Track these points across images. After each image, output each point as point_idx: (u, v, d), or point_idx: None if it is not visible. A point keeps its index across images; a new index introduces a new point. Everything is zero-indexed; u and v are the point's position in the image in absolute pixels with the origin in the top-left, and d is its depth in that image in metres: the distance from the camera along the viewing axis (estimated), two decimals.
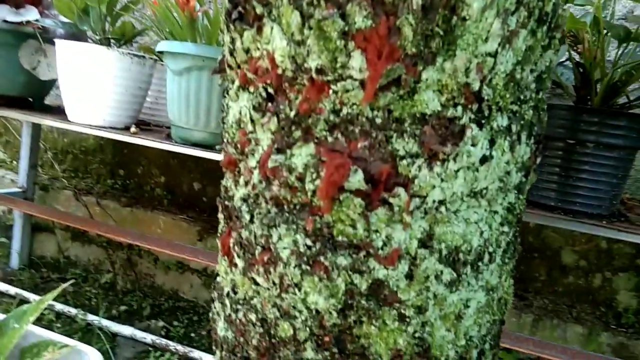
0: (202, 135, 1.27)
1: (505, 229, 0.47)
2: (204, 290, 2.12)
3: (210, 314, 0.57)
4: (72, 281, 1.22)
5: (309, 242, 0.44)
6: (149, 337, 1.80)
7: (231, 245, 0.51)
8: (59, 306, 1.86)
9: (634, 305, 1.64)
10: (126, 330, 1.80)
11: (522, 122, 0.44)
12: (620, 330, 1.60)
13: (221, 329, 0.53)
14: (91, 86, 1.37)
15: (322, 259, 0.43)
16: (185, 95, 1.24)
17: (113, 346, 1.71)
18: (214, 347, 0.57)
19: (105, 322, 1.80)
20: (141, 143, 1.36)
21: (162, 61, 1.54)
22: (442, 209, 0.42)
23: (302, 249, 0.44)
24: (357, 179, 0.41)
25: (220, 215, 0.55)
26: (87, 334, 1.62)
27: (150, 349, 1.74)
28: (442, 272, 0.44)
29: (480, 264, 0.45)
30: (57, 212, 2.02)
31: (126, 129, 1.45)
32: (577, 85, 1.07)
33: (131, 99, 1.42)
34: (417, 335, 0.45)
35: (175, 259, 2.15)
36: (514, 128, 0.44)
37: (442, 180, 0.41)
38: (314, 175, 0.42)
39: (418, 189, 0.41)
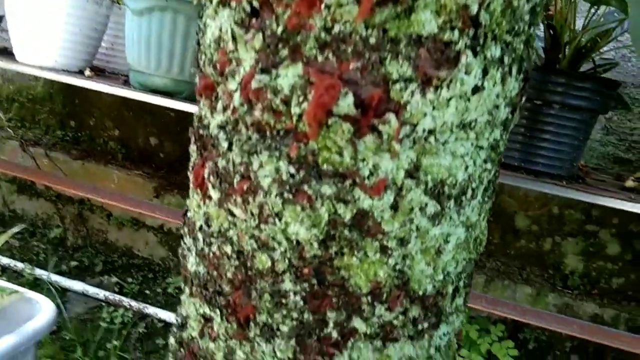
0: (163, 81, 1.21)
1: (488, 166, 0.47)
2: (160, 247, 2.08)
3: (180, 251, 0.54)
4: (19, 227, 1.15)
5: (292, 170, 0.42)
6: (101, 293, 1.75)
7: (205, 176, 0.48)
8: (4, 260, 1.77)
9: (580, 268, 1.73)
10: (77, 285, 1.74)
11: (513, 55, 0.44)
12: (566, 291, 1.69)
13: (192, 264, 0.51)
14: (42, 24, 1.27)
15: (305, 187, 0.42)
16: (145, 38, 1.17)
17: (64, 301, 1.65)
18: (182, 285, 0.55)
19: (55, 277, 1.73)
20: (96, 88, 1.28)
21: (119, 3, 1.44)
22: (431, 139, 0.41)
23: (284, 177, 0.42)
24: (347, 103, 0.39)
25: (193, 147, 0.52)
26: (36, 288, 1.55)
27: (103, 304, 1.70)
28: (426, 204, 0.43)
29: (463, 198, 0.45)
30: (2, 162, 1.90)
31: (80, 72, 1.37)
32: (546, 48, 1.08)
33: (85, 40, 1.33)
34: (397, 267, 0.44)
35: (130, 214, 2.08)
36: (506, 60, 0.43)
37: (433, 108, 0.40)
38: (301, 98, 0.40)
39: (409, 116, 0.40)
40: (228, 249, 0.47)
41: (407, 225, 0.43)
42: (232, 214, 0.46)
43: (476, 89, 0.41)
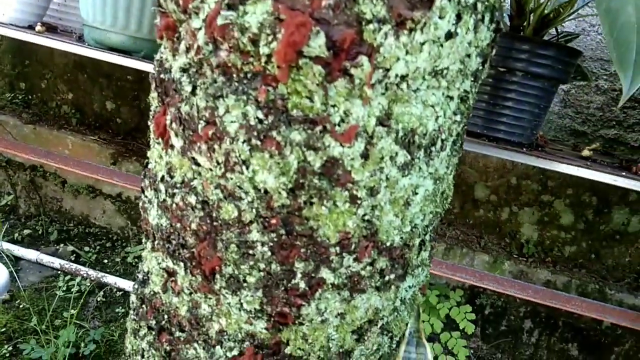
0: (119, 38, 1.16)
1: (458, 118, 0.46)
2: (118, 216, 2.02)
3: (140, 204, 0.52)
4: None
5: (260, 115, 0.40)
6: (56, 262, 1.69)
7: (167, 123, 0.46)
8: None
9: (535, 237, 1.79)
10: (31, 254, 1.68)
11: (486, 3, 0.43)
12: (521, 259, 1.75)
13: (154, 217, 0.49)
14: None
15: (274, 133, 0.40)
16: None
17: (17, 270, 1.59)
18: (143, 240, 0.53)
19: (7, 245, 1.66)
20: (48, 44, 1.21)
21: None
22: (404, 85, 0.40)
23: (252, 123, 0.40)
24: (318, 43, 0.37)
25: (153, 94, 0.49)
26: None
27: (59, 273, 1.64)
28: (397, 153, 0.42)
29: (433, 149, 0.45)
30: None
31: (30, 28, 1.28)
32: (512, 15, 1.09)
33: None
34: (366, 218, 0.44)
35: (86, 182, 2.01)
36: (479, 7, 0.42)
37: (407, 52, 0.39)
38: (270, 38, 0.38)
39: (382, 59, 0.39)
40: (192, 199, 0.45)
41: (377, 175, 0.42)
42: (197, 163, 0.44)
43: (449, 35, 0.40)
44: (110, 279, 1.68)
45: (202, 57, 0.41)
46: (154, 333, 0.52)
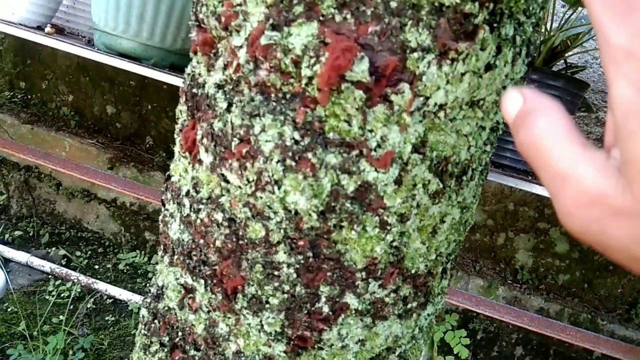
0: (131, 44, 1.15)
1: (487, 148, 0.47)
2: (112, 222, 1.99)
3: (161, 217, 0.51)
4: None
5: (297, 136, 0.40)
6: (47, 266, 1.66)
7: (198, 138, 0.45)
8: None
9: (529, 264, 1.80)
10: (21, 256, 1.65)
11: (524, 36, 0.43)
12: (515, 285, 1.76)
13: (175, 231, 0.48)
14: None
15: (309, 155, 0.40)
16: None
17: (6, 272, 1.55)
18: (160, 253, 0.52)
19: None
20: (58, 47, 1.20)
21: None
22: (441, 114, 0.40)
23: (288, 143, 0.40)
24: (361, 69, 0.37)
25: (183, 107, 0.49)
26: None
27: (50, 277, 1.61)
28: (429, 181, 0.42)
29: (463, 178, 0.45)
30: None
31: (39, 28, 1.27)
32: None
33: None
34: (394, 244, 0.43)
35: (81, 185, 1.98)
36: (517, 40, 0.42)
37: (447, 82, 0.39)
38: (313, 60, 0.38)
39: (423, 87, 0.39)
40: (219, 216, 0.44)
41: (408, 202, 0.42)
42: (226, 180, 0.43)
43: (489, 67, 0.41)
44: (101, 286, 1.65)
45: (241, 75, 0.41)
46: (166, 350, 0.50)
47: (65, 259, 1.77)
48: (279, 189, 0.41)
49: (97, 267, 1.80)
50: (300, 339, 0.45)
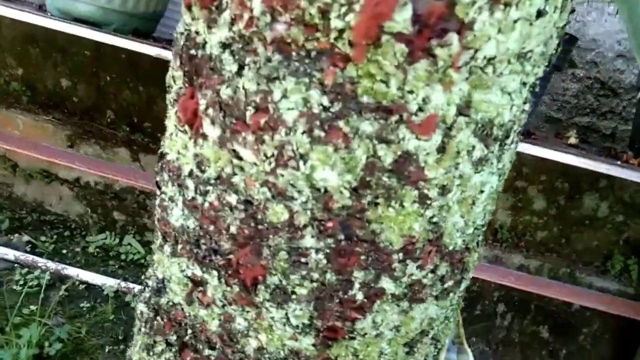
0: (88, 8, 1.04)
1: (527, 107, 0.42)
2: (77, 203, 1.88)
3: (157, 202, 0.45)
4: None
5: (325, 101, 0.34)
6: (10, 253, 1.55)
7: (201, 109, 0.39)
8: None
9: (508, 223, 1.81)
10: None
11: None
12: (495, 244, 1.77)
13: (177, 217, 0.42)
14: None
15: (341, 123, 0.34)
16: None
17: None
18: (157, 242, 0.46)
19: None
20: (4, 14, 1.07)
21: None
22: (489, 69, 0.35)
23: (315, 110, 0.34)
24: (403, 17, 0.31)
25: (176, 73, 0.42)
26: None
27: (16, 265, 1.51)
28: (474, 147, 0.37)
29: (506, 141, 0.40)
30: None
31: None
32: None
33: None
34: (434, 220, 0.39)
35: (40, 166, 1.85)
36: None
37: (499, 30, 0.34)
38: (345, 9, 0.32)
39: (472, 38, 0.33)
40: (231, 198, 0.38)
41: (451, 172, 0.37)
42: (238, 157, 0.37)
43: (539, 13, 0.35)
44: (71, 271, 1.56)
45: (255, 31, 0.34)
46: (174, 350, 0.45)
47: (30, 245, 1.66)
48: (304, 164, 0.35)
49: (65, 251, 1.70)
50: (330, 330, 0.40)
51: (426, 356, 0.47)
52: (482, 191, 0.41)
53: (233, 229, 0.39)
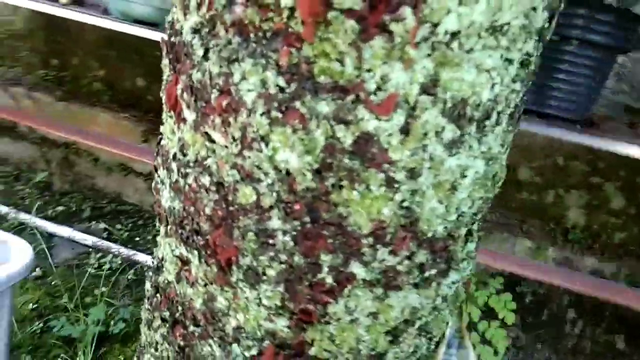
0: (144, 9, 1.11)
1: (517, 86, 0.39)
2: (150, 194, 2.01)
3: (153, 184, 0.47)
4: None
5: (281, 82, 0.34)
6: (89, 239, 1.69)
7: (179, 93, 0.40)
8: None
9: (581, 222, 1.68)
10: (64, 231, 1.69)
11: None
12: (566, 245, 1.65)
13: (166, 199, 0.44)
14: None
15: (297, 104, 0.34)
16: None
17: (50, 247, 1.60)
18: (157, 223, 0.48)
19: (40, 222, 1.67)
20: (70, 17, 1.17)
21: None
22: (454, 44, 0.33)
23: (272, 91, 0.34)
24: None
25: (165, 61, 0.44)
26: (20, 233, 1.50)
27: (91, 250, 1.65)
28: (443, 128, 0.36)
29: (487, 123, 0.38)
30: None
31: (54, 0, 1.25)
32: None
33: None
34: (404, 204, 0.37)
35: (118, 160, 2.00)
36: None
37: (460, 2, 0.32)
38: None
39: (429, 12, 0.32)
40: (206, 180, 0.39)
41: (419, 154, 0.36)
42: (211, 139, 0.38)
43: None
44: (141, 257, 1.67)
45: (215, 14, 0.35)
46: (167, 325, 0.47)
47: (107, 232, 1.80)
48: (266, 146, 0.36)
49: (137, 239, 1.83)
50: (303, 312, 0.40)
51: (416, 347, 0.45)
52: (464, 176, 0.39)
53: (208, 211, 0.40)
